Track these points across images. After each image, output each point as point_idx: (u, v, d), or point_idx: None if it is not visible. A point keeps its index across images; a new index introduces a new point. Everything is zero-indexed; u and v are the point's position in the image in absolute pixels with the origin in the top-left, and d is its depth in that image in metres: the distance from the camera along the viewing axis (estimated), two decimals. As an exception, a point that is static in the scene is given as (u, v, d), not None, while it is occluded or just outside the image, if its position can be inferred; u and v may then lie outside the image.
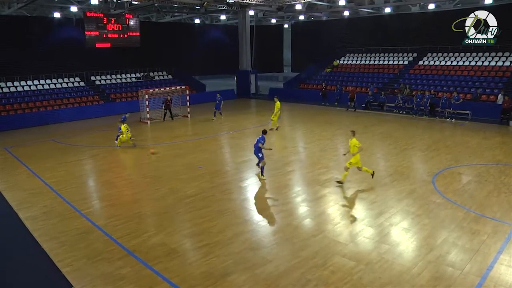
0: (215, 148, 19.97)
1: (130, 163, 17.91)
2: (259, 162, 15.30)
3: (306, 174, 15.62)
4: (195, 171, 16.24)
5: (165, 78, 39.98)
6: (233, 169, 16.59)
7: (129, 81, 37.90)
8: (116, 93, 35.45)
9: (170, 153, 19.40)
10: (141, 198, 13.49)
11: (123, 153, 19.71)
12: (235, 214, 11.99)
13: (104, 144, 21.69)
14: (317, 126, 25.04)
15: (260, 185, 14.46)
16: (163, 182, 14.97)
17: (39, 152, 20.44)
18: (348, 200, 12.88)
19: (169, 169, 16.68)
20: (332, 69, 39.54)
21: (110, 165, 17.99)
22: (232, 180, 15.29)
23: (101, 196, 14.09)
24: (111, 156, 19.46)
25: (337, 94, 34.20)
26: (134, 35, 34.62)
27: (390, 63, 36.75)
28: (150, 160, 18.33)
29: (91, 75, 36.29)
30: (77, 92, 33.49)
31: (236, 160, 17.84)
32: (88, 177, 16.50)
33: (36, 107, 30.42)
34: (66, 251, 10.01)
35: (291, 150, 19.54)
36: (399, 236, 10.43)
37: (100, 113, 31.41)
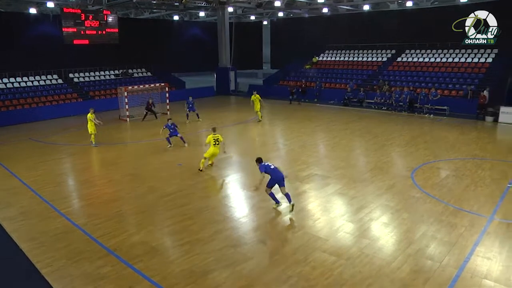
0: (194, 146, 19.90)
1: (109, 161, 17.70)
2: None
3: (286, 170, 15.62)
4: (175, 168, 16.16)
5: (144, 76, 39.62)
6: (213, 166, 16.55)
7: (108, 78, 37.44)
8: (95, 90, 35.00)
9: (149, 151, 19.25)
10: (121, 197, 13.37)
11: (101, 152, 19.48)
12: (216, 211, 11.97)
13: (82, 142, 21.39)
14: (296, 122, 25.16)
15: (240, 183, 14.46)
16: (143, 180, 14.86)
17: (16, 151, 20.04)
18: (328, 195, 12.98)
19: (149, 167, 16.55)
20: (311, 65, 39.75)
21: (89, 164, 17.77)
22: (212, 177, 15.26)
23: (80, 195, 13.89)
24: (89, 155, 19.21)
25: (316, 91, 34.47)
26: (113, 32, 34.20)
27: (369, 59, 37.12)
28: (129, 158, 18.16)
29: (69, 72, 35.68)
30: (55, 90, 32.90)
31: (216, 158, 17.77)
32: (67, 176, 16.25)
33: (13, 105, 29.76)
34: (45, 252, 9.85)
35: (271, 146, 19.59)
36: (379, 230, 10.58)
37: (78, 110, 30.91)
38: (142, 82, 37.00)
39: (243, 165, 16.62)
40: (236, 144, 20.19)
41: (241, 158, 17.66)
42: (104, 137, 22.54)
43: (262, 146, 19.82)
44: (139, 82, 37.03)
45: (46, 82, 33.48)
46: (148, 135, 22.89)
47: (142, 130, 24.43)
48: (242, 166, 16.50)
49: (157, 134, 21.82)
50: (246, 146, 20.01)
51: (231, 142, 20.26)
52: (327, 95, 34.31)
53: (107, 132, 23.74)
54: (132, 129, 25.00)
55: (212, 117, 27.63)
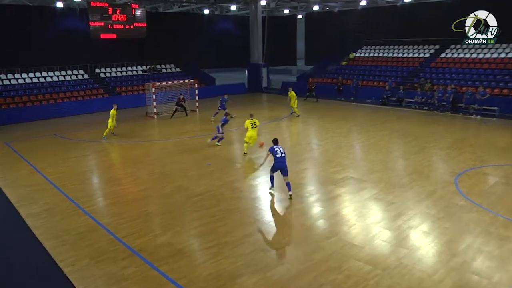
0: (224, 145, 19.98)
1: (136, 159, 17.96)
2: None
3: (320, 172, 15.54)
4: (203, 168, 16.25)
5: (173, 71, 40.08)
6: (243, 167, 16.56)
7: (135, 74, 38.06)
8: (122, 86, 35.63)
9: (178, 149, 19.43)
10: (147, 196, 13.53)
11: (127, 149, 19.79)
12: (246, 213, 11.95)
13: (108, 139, 21.81)
14: (331, 122, 24.93)
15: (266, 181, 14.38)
16: (171, 180, 15.00)
17: (41, 147, 20.61)
18: (364, 200, 12.76)
19: (177, 166, 16.71)
20: (348, 62, 39.33)
21: (115, 161, 18.10)
22: (242, 178, 15.27)
23: (105, 194, 14.14)
24: (115, 152, 19.57)
25: (353, 89, 34.09)
26: (140, 26, 34.69)
27: (410, 55, 36.28)
28: (156, 156, 18.39)
29: (95, 67, 36.49)
30: (81, 85, 33.67)
31: (247, 157, 17.82)
32: (92, 174, 16.58)
33: (38, 100, 30.67)
34: (68, 250, 10.05)
35: (304, 147, 19.47)
36: (418, 240, 10.28)
37: (104, 107, 31.41)
38: (170, 78, 37.42)
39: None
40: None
41: (272, 158, 17.63)
42: (130, 134, 22.95)
43: (295, 146, 19.72)
44: (167, 78, 37.47)
45: (72, 77, 34.26)
46: (177, 132, 23.11)
47: (170, 127, 24.70)
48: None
49: (187, 131, 22.03)
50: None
51: (265, 140, 20.22)
52: (364, 93, 33.84)
53: (133, 129, 24.15)
54: (160, 126, 25.31)
55: (243, 115, 27.63)
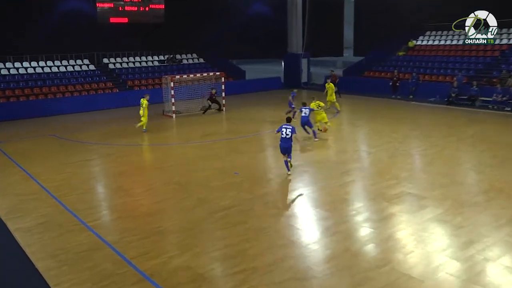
0: (256, 150, 19.96)
1: (150, 166, 18.17)
2: (290, 154, 16.38)
3: (370, 186, 15.33)
4: (230, 177, 16.26)
5: (195, 62, 40.54)
6: (277, 177, 16.50)
7: (151, 65, 38.66)
8: (134, 79, 36.25)
9: (200, 154, 19.55)
10: (163, 210, 13.61)
11: (141, 154, 20.06)
12: (279, 234, 11.86)
13: (118, 141, 22.15)
14: (385, 124, 24.64)
15: (312, 199, 14.31)
16: (191, 190, 15.07)
17: (36, 149, 21.09)
18: (425, 222, 12.46)
19: (199, 174, 16.78)
20: (406, 52, 38.85)
21: (125, 168, 18.31)
22: (276, 190, 15.21)
23: (112, 206, 14.31)
24: (126, 157, 19.82)
25: (412, 85, 33.61)
26: (157, 8, 35.16)
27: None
28: (174, 163, 18.53)
29: (103, 57, 37.20)
30: (86, 78, 34.42)
31: (282, 166, 17.73)
32: (97, 182, 16.84)
33: (34, 94, 31.34)
34: (66, 273, 10.12)
35: (351, 155, 19.28)
36: (498, 276, 9.82)
37: (113, 103, 32.13)
38: (192, 70, 37.83)
39: (316, 177, 16.46)
40: (309, 150, 20.12)
41: (314, 168, 17.52)
42: (144, 137, 23.27)
43: (340, 153, 19.57)
44: (188, 70, 37.90)
45: (75, 68, 35.02)
46: (199, 135, 23.28)
47: (191, 128, 24.90)
48: (315, 178, 16.33)
49: (210, 134, 22.21)
50: (320, 152, 19.85)
51: (302, 147, 20.18)
52: (426, 90, 33.23)
53: (148, 130, 24.46)
54: (179, 127, 25.55)
55: (278, 115, 27.65)
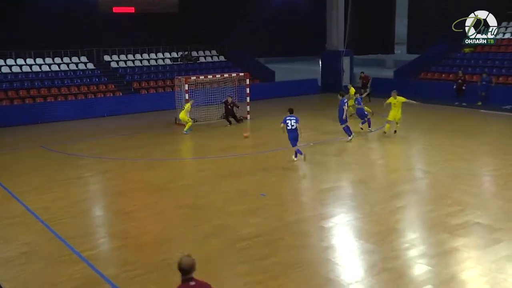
0: (286, 168, 19.90)
1: (158, 185, 18.16)
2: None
3: (427, 213, 15.10)
4: (255, 201, 16.17)
5: (215, 61, 40.74)
6: (312, 201, 16.39)
7: (161, 64, 39.01)
8: (141, 80, 36.58)
9: (218, 172, 19.55)
10: (172, 238, 13.56)
11: (147, 171, 20.08)
12: (313, 270, 11.72)
13: (121, 154, 22.32)
14: (446, 137, 24.41)
15: (353, 227, 14.12)
16: (206, 216, 15.01)
17: (21, 163, 21.37)
18: (499, 260, 12.15)
19: (217, 196, 16.73)
20: (474, 48, 38.53)
21: (128, 187, 18.35)
22: (310, 217, 15.05)
23: (111, 233, 14.31)
24: (129, 173, 19.90)
25: (482, 89, 33.20)
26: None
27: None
28: (188, 182, 18.53)
29: (104, 53, 37.64)
30: (83, 78, 34.84)
31: (317, 187, 17.67)
32: (94, 204, 16.92)
33: (20, 98, 31.74)
34: (56, 313, 10.14)
35: (404, 174, 19.15)
36: None
37: (116, 109, 32.44)
38: (211, 70, 37.99)
39: (360, 200, 16.28)
40: (353, 168, 20.07)
41: (357, 189, 17.46)
42: (152, 149, 23.37)
43: (391, 172, 19.50)
44: (206, 70, 38.07)
45: (70, 66, 35.42)
46: (218, 148, 23.32)
47: (209, 140, 24.97)
48: (359, 202, 16.15)
49: (231, 147, 22.23)
50: (365, 170, 19.71)
51: (346, 164, 20.16)
52: (499, 95, 32.94)
53: (157, 142, 24.60)
54: (194, 139, 25.60)
55: (313, 124, 27.55)
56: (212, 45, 41.76)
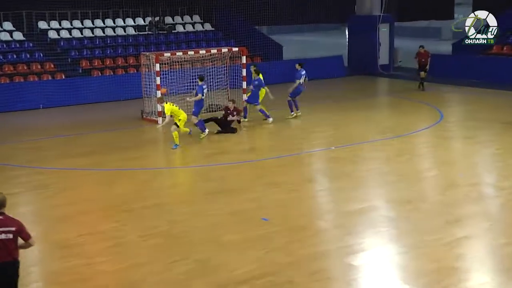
0: (297, 181, 19.98)
1: (120, 204, 18.18)
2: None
3: (501, 248, 15.12)
4: (254, 227, 16.21)
5: (198, 30, 40.92)
6: (334, 227, 16.42)
7: (121, 34, 39.06)
8: (93, 58, 36.73)
9: (205, 187, 19.63)
10: (139, 282, 13.56)
11: (104, 184, 20.12)
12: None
13: (64, 163, 22.34)
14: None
15: (395, 266, 14.19)
16: (186, 248, 15.05)
17: None
18: None
19: (200, 221, 16.77)
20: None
21: (76, 208, 18.29)
22: (332, 250, 15.11)
23: (50, 273, 14.28)
24: (77, 190, 19.91)
25: None
26: None
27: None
28: (161, 200, 18.54)
29: (38, 18, 37.51)
30: (8, 54, 34.84)
31: (342, 208, 17.67)
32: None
33: None
34: None
35: (467, 191, 19.19)
36: None
37: (57, 98, 32.35)
38: (192, 44, 38.12)
39: (404, 227, 16.35)
40: (393, 181, 20.20)
41: (401, 211, 17.49)
42: (111, 156, 23.46)
43: (448, 188, 19.51)
44: (186, 44, 38.15)
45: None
46: (205, 154, 23.51)
47: (192, 142, 25.03)
48: (402, 229, 16.23)
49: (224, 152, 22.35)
50: (411, 186, 19.73)
51: (382, 175, 20.42)
52: None
53: (117, 146, 24.74)
54: (168, 141, 25.61)
55: (337, 122, 27.64)
56: (194, 8, 41.79)
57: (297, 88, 28.60)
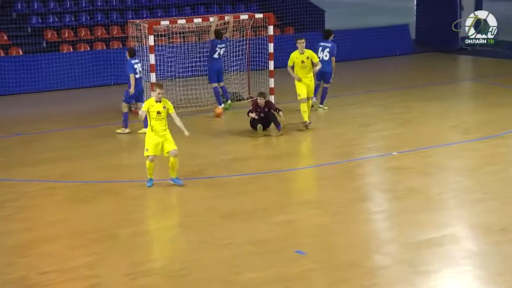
0: (344, 199, 20.01)
1: (99, 229, 18.26)
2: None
3: None
4: (286, 261, 16.25)
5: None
6: (396, 263, 16.39)
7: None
8: (61, 27, 36.85)
9: (213, 207, 19.68)
10: None
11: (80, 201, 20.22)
12: None
13: (23, 173, 22.51)
14: None
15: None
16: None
17: None
18: None
19: (212, 252, 16.85)
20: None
21: (38, 234, 18.43)
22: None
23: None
24: (42, 208, 20.03)
25: None
26: None
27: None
28: (156, 223, 18.64)
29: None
30: None
31: (406, 237, 17.65)
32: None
33: None
34: None
35: None
36: None
37: (13, 84, 32.65)
38: (200, 7, 38.23)
39: (494, 268, 16.26)
40: (480, 200, 20.20)
41: (490, 245, 17.35)
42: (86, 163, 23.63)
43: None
44: (191, 8, 38.30)
45: None
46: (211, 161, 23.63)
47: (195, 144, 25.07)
48: (491, 272, 16.15)
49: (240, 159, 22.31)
50: (507, 208, 19.75)
51: (465, 192, 20.59)
52: None
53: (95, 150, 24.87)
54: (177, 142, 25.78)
55: (403, 119, 27.69)
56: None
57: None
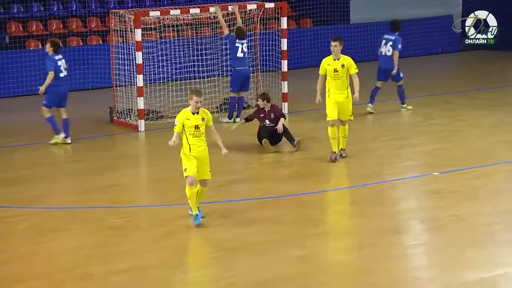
0: (372, 230, 20.07)
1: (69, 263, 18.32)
2: None
3: None
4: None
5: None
6: None
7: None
8: (31, 19, 37.04)
9: (212, 239, 19.83)
10: None
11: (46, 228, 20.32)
12: None
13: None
14: None
15: None
16: None
17: None
18: None
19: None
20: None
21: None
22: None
23: None
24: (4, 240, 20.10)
25: None
26: None
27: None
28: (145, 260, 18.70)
29: None
30: None
31: (453, 276, 17.52)
32: None
33: None
34: None
35: None
36: None
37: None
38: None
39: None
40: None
41: None
42: (56, 184, 23.64)
43: None
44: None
45: None
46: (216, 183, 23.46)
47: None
48: None
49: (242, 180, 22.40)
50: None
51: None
52: None
53: (69, 167, 24.81)
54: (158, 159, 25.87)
55: (447, 132, 27.80)
56: None
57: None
